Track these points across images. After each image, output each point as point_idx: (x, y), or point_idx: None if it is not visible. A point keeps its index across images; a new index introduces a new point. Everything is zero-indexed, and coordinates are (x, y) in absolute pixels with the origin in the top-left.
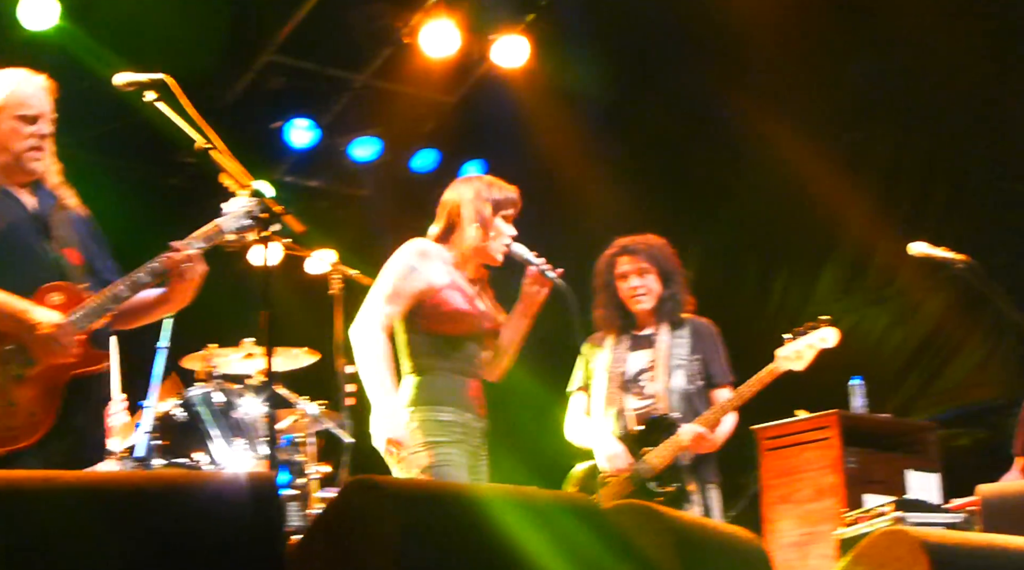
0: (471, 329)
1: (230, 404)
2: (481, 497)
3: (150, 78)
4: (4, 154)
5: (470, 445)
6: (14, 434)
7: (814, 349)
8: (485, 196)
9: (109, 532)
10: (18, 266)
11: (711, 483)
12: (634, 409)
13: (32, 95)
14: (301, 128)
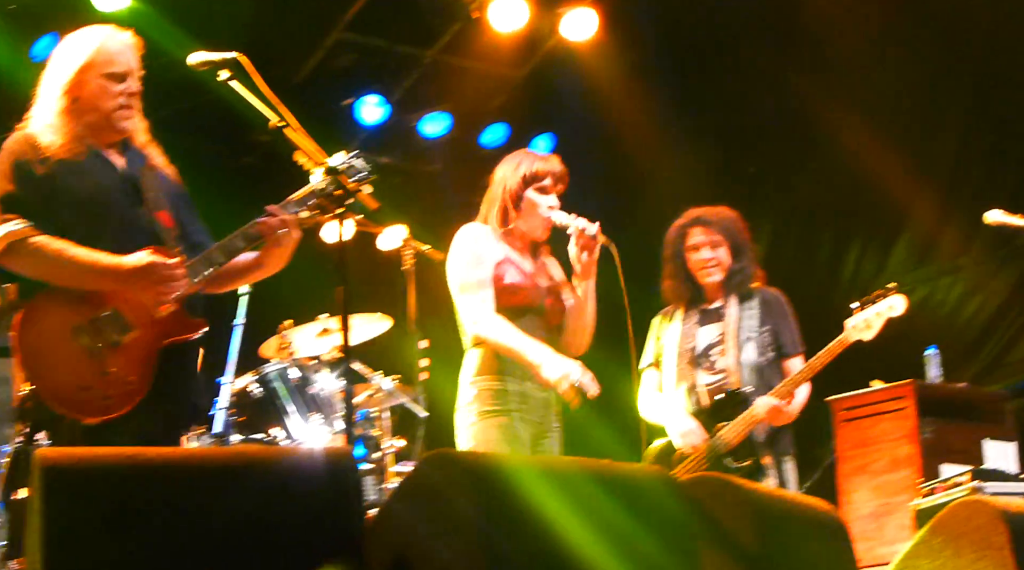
0: (528, 302)
1: (306, 379)
2: (557, 470)
3: (223, 57)
4: (93, 113)
5: (531, 415)
6: (108, 403)
7: (882, 318)
8: (516, 172)
9: (193, 508)
10: (113, 230)
11: (787, 455)
12: (705, 384)
13: (119, 52)
14: (371, 105)
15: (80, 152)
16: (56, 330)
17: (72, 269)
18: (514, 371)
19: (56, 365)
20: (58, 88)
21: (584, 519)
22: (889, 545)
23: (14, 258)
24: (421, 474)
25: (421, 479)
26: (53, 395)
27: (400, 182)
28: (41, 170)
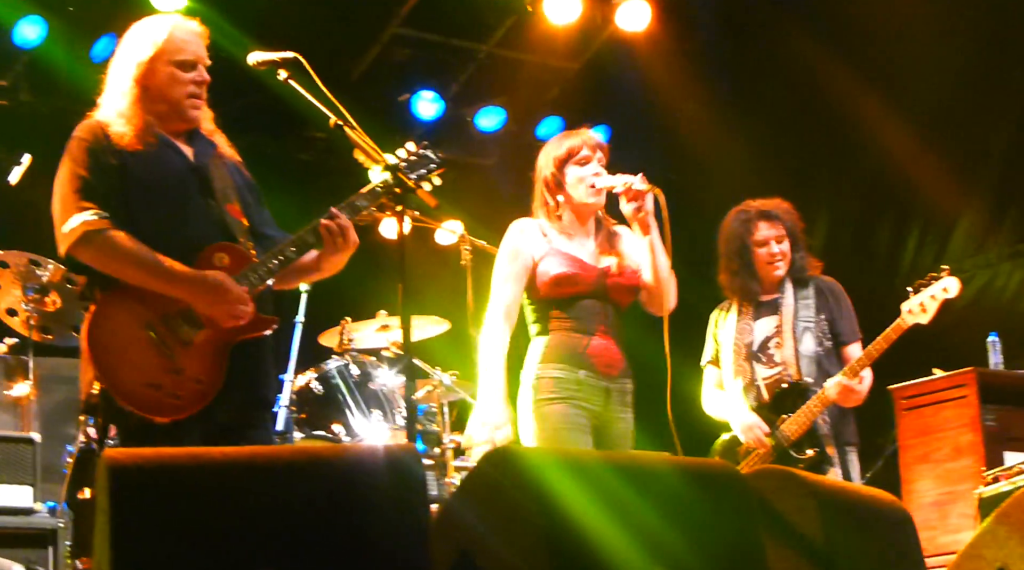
0: (580, 289)
1: (366, 376)
2: (621, 465)
3: (282, 57)
4: (161, 103)
5: (588, 403)
6: (179, 403)
7: (937, 301)
8: (548, 156)
9: (259, 507)
10: (186, 221)
11: (850, 445)
12: (764, 378)
13: (188, 41)
14: (427, 100)
15: (151, 142)
16: (128, 328)
17: (146, 271)
18: (570, 359)
19: (127, 363)
20: (128, 77)
21: (648, 513)
22: (952, 534)
23: (88, 249)
24: (482, 471)
25: (482, 477)
26: (124, 393)
27: (456, 177)
28: (113, 160)
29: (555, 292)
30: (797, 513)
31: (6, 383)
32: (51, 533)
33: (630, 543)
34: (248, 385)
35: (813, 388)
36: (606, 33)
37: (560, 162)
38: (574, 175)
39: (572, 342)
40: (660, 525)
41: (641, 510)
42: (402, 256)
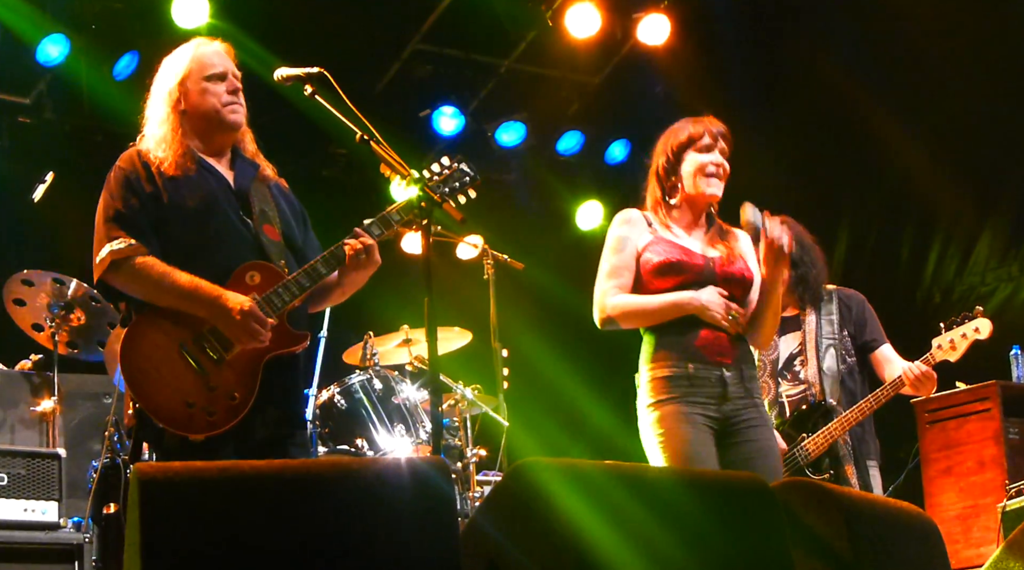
0: (686, 278)
1: (389, 390)
2: (647, 479)
3: (307, 72)
4: (201, 119)
5: (704, 397)
6: (214, 419)
7: (968, 340)
8: (667, 143)
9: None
10: (219, 243)
11: (871, 461)
12: (789, 396)
13: (213, 54)
14: (448, 115)
15: (190, 167)
16: (161, 348)
17: (173, 294)
18: (679, 355)
19: (161, 383)
20: (164, 104)
21: (676, 527)
22: (975, 547)
23: (118, 276)
24: (508, 485)
25: (508, 490)
26: (158, 412)
27: (476, 191)
28: (150, 188)
29: (660, 283)
30: (825, 525)
31: (32, 399)
32: (76, 548)
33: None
34: (282, 401)
35: (837, 409)
36: (626, 47)
37: (678, 148)
38: (693, 162)
39: (679, 336)
40: (687, 538)
41: (668, 523)
42: (428, 270)
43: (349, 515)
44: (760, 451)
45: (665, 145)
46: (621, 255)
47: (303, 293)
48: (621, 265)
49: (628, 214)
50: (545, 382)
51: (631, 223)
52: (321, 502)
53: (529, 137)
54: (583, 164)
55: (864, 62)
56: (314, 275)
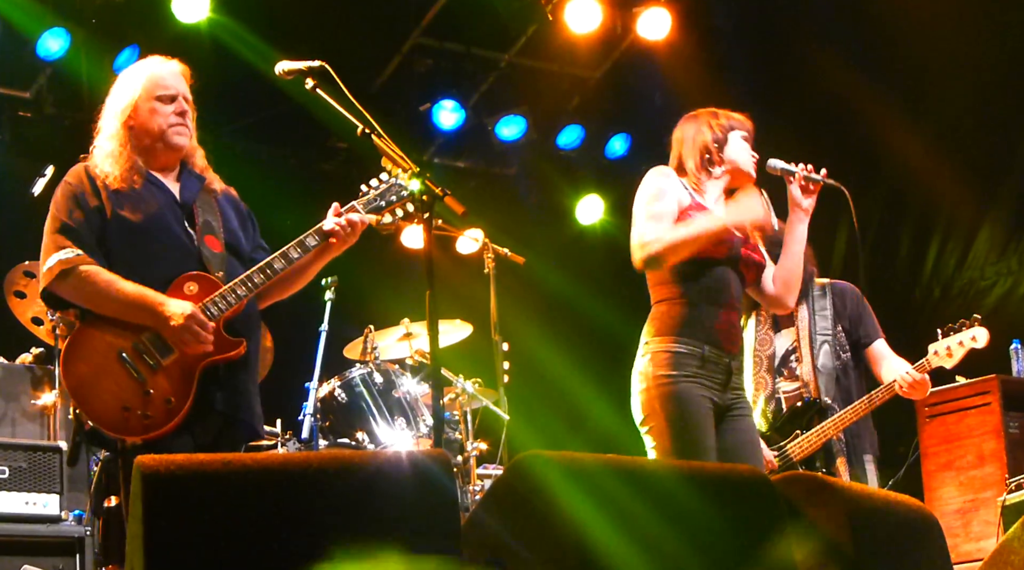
0: (721, 249)
1: (389, 384)
2: (648, 472)
3: (308, 66)
4: (147, 136)
5: (713, 381)
6: (150, 422)
7: (965, 348)
8: (717, 119)
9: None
10: (161, 255)
11: (867, 456)
12: (785, 392)
13: (166, 76)
14: (448, 109)
15: (135, 180)
16: (100, 354)
17: (117, 302)
18: (696, 333)
19: (100, 389)
20: (115, 119)
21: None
22: (976, 541)
23: (64, 285)
24: (509, 479)
25: (509, 484)
26: (97, 417)
27: (477, 185)
28: (95, 201)
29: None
30: (826, 519)
31: (32, 393)
32: (78, 541)
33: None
34: (225, 408)
35: (833, 407)
36: (627, 42)
37: (726, 129)
38: (739, 146)
39: (700, 314)
40: (688, 532)
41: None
42: (430, 264)
43: (351, 508)
44: (750, 442)
45: (712, 122)
46: (661, 202)
47: (240, 301)
48: (662, 211)
49: (665, 169)
50: (545, 376)
51: (669, 178)
52: (323, 495)
53: (529, 131)
54: (583, 158)
55: (864, 56)
56: (249, 285)
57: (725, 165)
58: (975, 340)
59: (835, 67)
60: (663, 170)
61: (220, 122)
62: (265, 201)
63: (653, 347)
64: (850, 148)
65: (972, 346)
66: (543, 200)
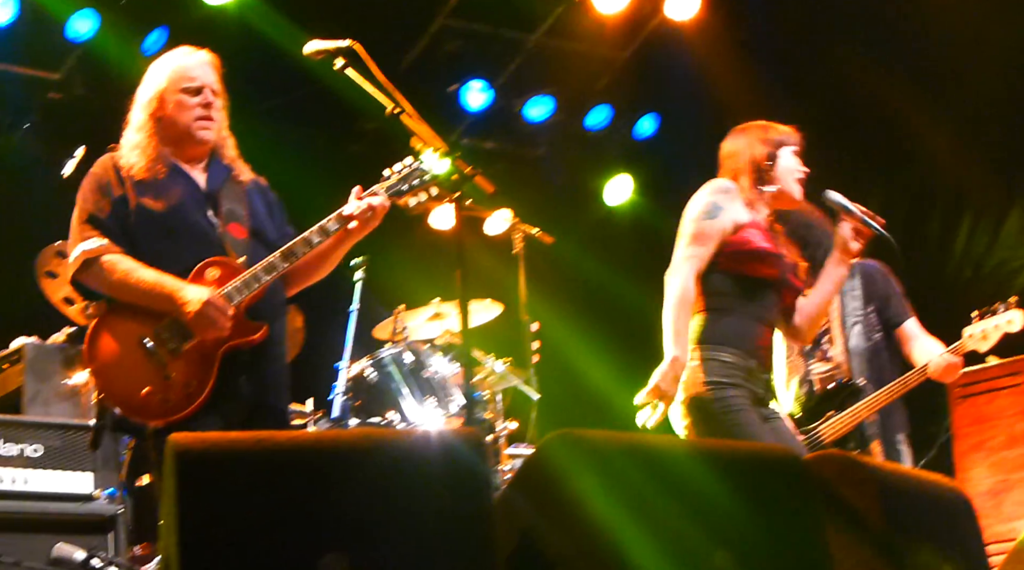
0: (773, 273)
1: (420, 364)
2: (682, 451)
3: (338, 46)
4: (173, 128)
5: (754, 393)
6: (170, 406)
7: (1000, 331)
8: (767, 135)
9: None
10: (183, 243)
11: (900, 436)
12: (818, 374)
13: (194, 67)
14: (476, 90)
15: (159, 170)
16: (123, 340)
17: (137, 290)
18: (744, 346)
19: (122, 374)
20: (142, 110)
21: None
22: (1007, 522)
23: (88, 274)
24: (540, 458)
25: (546, 459)
26: (118, 401)
27: (505, 167)
28: (119, 191)
29: (752, 269)
30: (858, 499)
31: (65, 372)
32: (110, 519)
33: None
34: (251, 393)
35: (866, 389)
36: (655, 22)
37: (778, 144)
38: (790, 163)
39: (749, 328)
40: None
41: (701, 497)
42: (460, 244)
43: (382, 487)
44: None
45: (764, 136)
46: (711, 222)
47: (261, 286)
48: (707, 232)
49: (726, 184)
50: (574, 355)
51: (729, 194)
52: (355, 473)
53: (557, 112)
54: (611, 139)
55: (893, 39)
56: (271, 270)
57: (776, 184)
58: (1011, 323)
59: (864, 48)
60: (724, 185)
61: (248, 104)
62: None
63: (701, 353)
64: (879, 129)
65: (1008, 329)
66: (571, 181)
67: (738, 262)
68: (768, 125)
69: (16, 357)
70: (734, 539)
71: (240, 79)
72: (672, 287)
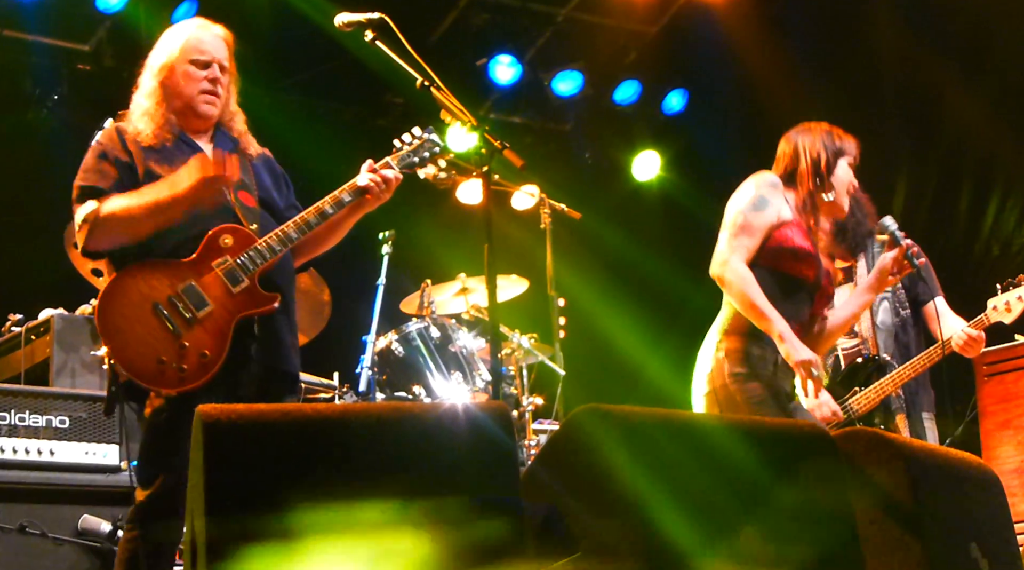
0: (809, 274)
1: (446, 338)
2: (710, 427)
3: (368, 18)
4: (178, 99)
5: (780, 388)
6: (183, 375)
7: (1023, 303)
8: (832, 141)
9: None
10: (194, 209)
11: (926, 413)
12: (844, 349)
13: (205, 41)
14: (504, 64)
15: (167, 138)
16: (136, 306)
17: (141, 213)
18: (769, 340)
19: (135, 340)
20: (151, 77)
21: (735, 477)
22: None
23: (96, 235)
24: (574, 428)
25: (574, 433)
26: (132, 369)
27: (533, 141)
28: (125, 157)
29: (789, 266)
30: (886, 475)
31: (92, 344)
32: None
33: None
34: (266, 359)
35: (891, 364)
36: None
37: (837, 153)
38: (846, 173)
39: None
40: (747, 488)
41: (727, 473)
42: (488, 218)
43: (410, 459)
44: None
45: (827, 142)
46: (759, 214)
47: (275, 256)
48: (755, 224)
49: (773, 178)
50: (600, 331)
51: (776, 189)
52: (382, 445)
53: (586, 86)
54: (640, 114)
55: (923, 14)
56: (285, 240)
57: (832, 192)
58: None
59: (893, 24)
60: (771, 179)
61: (277, 77)
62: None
63: (728, 345)
64: (909, 105)
65: None
66: (599, 156)
67: (777, 259)
68: (833, 129)
69: (44, 328)
70: (761, 514)
71: (270, 52)
72: (732, 278)
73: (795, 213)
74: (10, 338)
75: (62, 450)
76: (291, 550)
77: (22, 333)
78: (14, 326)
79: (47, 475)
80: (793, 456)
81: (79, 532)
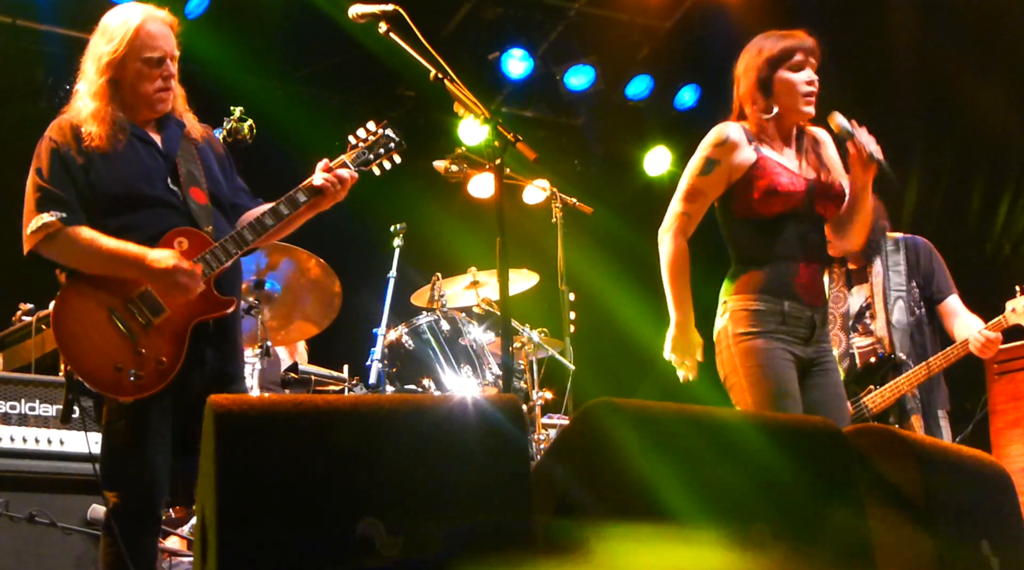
0: (788, 206)
1: (456, 332)
2: (721, 421)
3: (382, 9)
4: (132, 95)
5: (795, 336)
6: (140, 382)
7: None
8: (759, 58)
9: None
10: (149, 213)
11: (941, 412)
12: (859, 348)
13: (156, 35)
14: (517, 58)
15: (120, 139)
16: (91, 313)
17: (101, 259)
18: (775, 290)
19: (91, 347)
20: (97, 73)
21: (746, 472)
22: None
23: (50, 247)
24: (585, 422)
25: (585, 427)
26: (88, 376)
27: (545, 136)
28: (81, 160)
29: (765, 209)
30: (898, 472)
31: None
32: None
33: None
34: (216, 359)
35: (907, 363)
36: None
37: (771, 64)
38: (787, 79)
39: (778, 270)
40: (758, 483)
41: (739, 468)
42: (500, 212)
43: (420, 450)
44: (836, 395)
45: (758, 59)
46: (704, 178)
47: (231, 259)
48: (701, 188)
49: (726, 132)
50: (611, 326)
51: (725, 146)
52: (393, 436)
53: (598, 81)
54: (652, 109)
55: (938, 8)
56: (240, 242)
57: (774, 110)
58: None
59: (908, 18)
60: (719, 137)
61: (289, 69)
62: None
63: (731, 305)
64: (922, 101)
65: None
66: (611, 151)
67: (750, 207)
68: (761, 41)
69: None
70: (772, 510)
71: (282, 44)
72: (663, 249)
73: (758, 150)
74: (21, 327)
75: (70, 440)
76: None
77: (32, 322)
78: (25, 315)
79: (57, 464)
80: (804, 451)
81: (88, 521)
